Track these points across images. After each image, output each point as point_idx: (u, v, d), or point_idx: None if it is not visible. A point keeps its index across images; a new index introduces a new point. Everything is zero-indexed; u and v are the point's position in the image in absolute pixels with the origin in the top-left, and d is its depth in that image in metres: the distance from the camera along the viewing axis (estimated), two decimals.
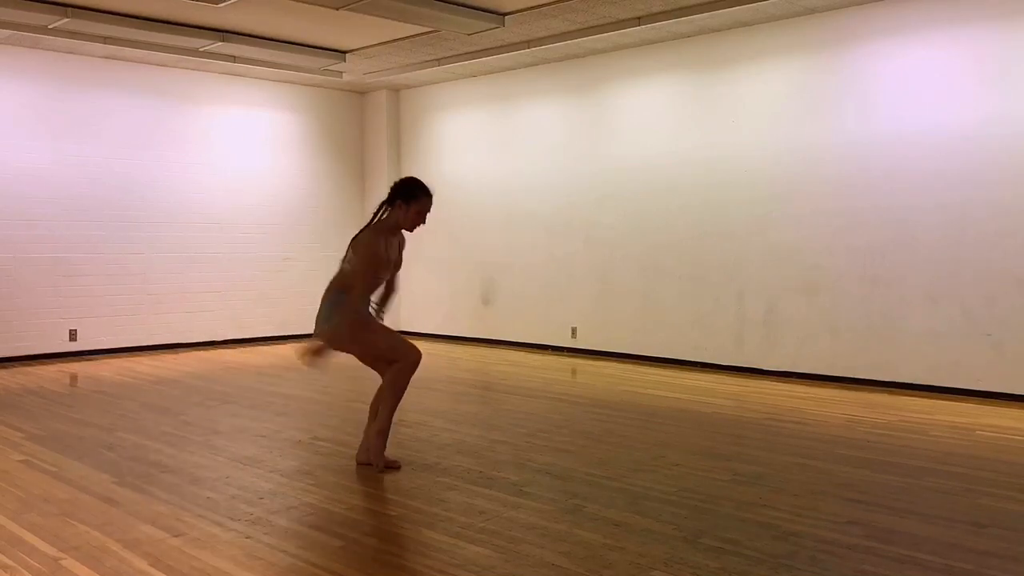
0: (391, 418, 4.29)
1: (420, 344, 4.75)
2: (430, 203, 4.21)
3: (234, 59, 8.54)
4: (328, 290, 4.23)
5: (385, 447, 4.31)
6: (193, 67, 8.98)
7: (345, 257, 4.21)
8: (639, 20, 7.06)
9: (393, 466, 4.30)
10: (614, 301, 8.41)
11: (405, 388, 4.29)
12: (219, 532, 3.34)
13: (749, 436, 5.09)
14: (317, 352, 4.10)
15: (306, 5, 6.66)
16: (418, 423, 5.38)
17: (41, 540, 3.26)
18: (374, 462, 4.27)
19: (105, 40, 7.70)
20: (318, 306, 4.23)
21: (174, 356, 8.62)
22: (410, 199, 4.15)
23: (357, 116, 10.63)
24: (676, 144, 7.87)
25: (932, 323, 6.40)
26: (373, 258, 4.09)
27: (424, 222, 4.22)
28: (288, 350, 9.04)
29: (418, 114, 10.32)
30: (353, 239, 4.21)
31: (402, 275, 4.52)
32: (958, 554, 3.13)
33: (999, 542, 3.27)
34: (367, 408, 6.15)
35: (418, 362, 4.25)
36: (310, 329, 4.86)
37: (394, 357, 4.23)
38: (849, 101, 6.79)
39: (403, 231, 4.27)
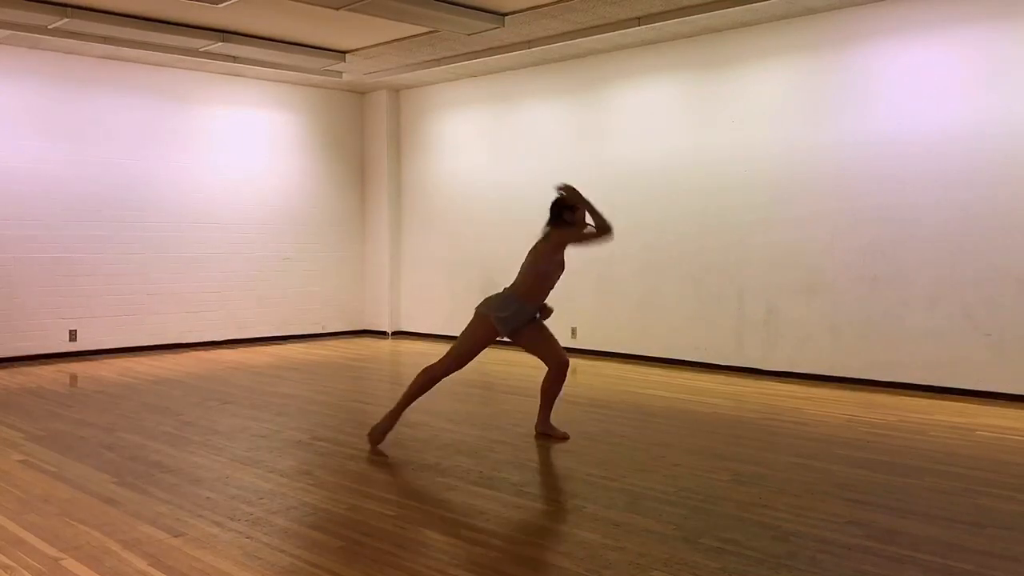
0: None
1: (420, 344, 4.77)
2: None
3: (234, 59, 8.54)
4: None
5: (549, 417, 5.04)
6: (193, 67, 8.98)
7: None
8: (639, 20, 7.06)
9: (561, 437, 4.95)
10: (614, 301, 8.40)
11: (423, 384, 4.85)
12: (219, 532, 3.34)
13: (749, 436, 5.09)
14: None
15: (306, 5, 6.66)
16: (418, 423, 5.38)
17: (41, 540, 3.26)
18: (552, 433, 5.00)
19: (105, 40, 7.70)
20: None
21: (174, 356, 8.62)
22: (573, 208, 4.93)
23: (357, 116, 10.63)
24: (676, 144, 7.87)
25: (932, 323, 6.40)
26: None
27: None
28: (288, 350, 9.04)
29: (418, 114, 10.32)
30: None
31: (401, 274, 4.54)
32: (958, 554, 3.13)
33: (999, 542, 3.27)
34: (367, 407, 6.16)
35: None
36: (310, 329, 4.86)
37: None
38: (849, 101, 6.79)
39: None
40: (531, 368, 7.90)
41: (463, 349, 4.79)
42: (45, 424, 5.37)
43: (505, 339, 4.91)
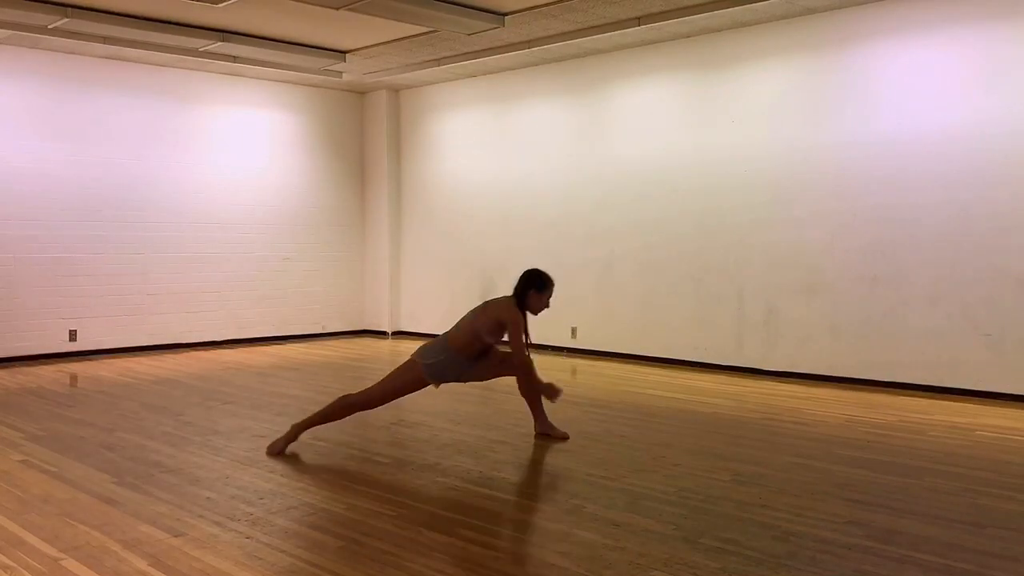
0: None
1: (420, 344, 4.78)
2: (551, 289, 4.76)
3: (234, 59, 8.54)
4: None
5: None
6: (193, 67, 8.98)
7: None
8: (639, 20, 7.06)
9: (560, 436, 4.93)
10: (614, 301, 8.40)
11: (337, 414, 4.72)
12: (219, 532, 3.34)
13: (749, 436, 5.09)
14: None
15: (306, 5, 6.66)
16: (418, 423, 5.38)
17: (41, 540, 3.26)
18: (552, 433, 4.96)
19: (105, 40, 7.70)
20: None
21: (174, 356, 8.62)
22: (542, 288, 4.70)
23: (357, 116, 10.63)
24: (676, 144, 7.87)
25: (932, 323, 6.40)
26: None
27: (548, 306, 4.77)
28: (288, 350, 9.04)
29: (418, 114, 10.32)
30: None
31: (401, 274, 4.52)
32: (958, 554, 3.13)
33: (999, 542, 3.27)
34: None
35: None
36: (310, 329, 4.86)
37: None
38: (849, 101, 6.79)
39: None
40: None
41: (387, 387, 4.62)
42: (45, 424, 5.37)
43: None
